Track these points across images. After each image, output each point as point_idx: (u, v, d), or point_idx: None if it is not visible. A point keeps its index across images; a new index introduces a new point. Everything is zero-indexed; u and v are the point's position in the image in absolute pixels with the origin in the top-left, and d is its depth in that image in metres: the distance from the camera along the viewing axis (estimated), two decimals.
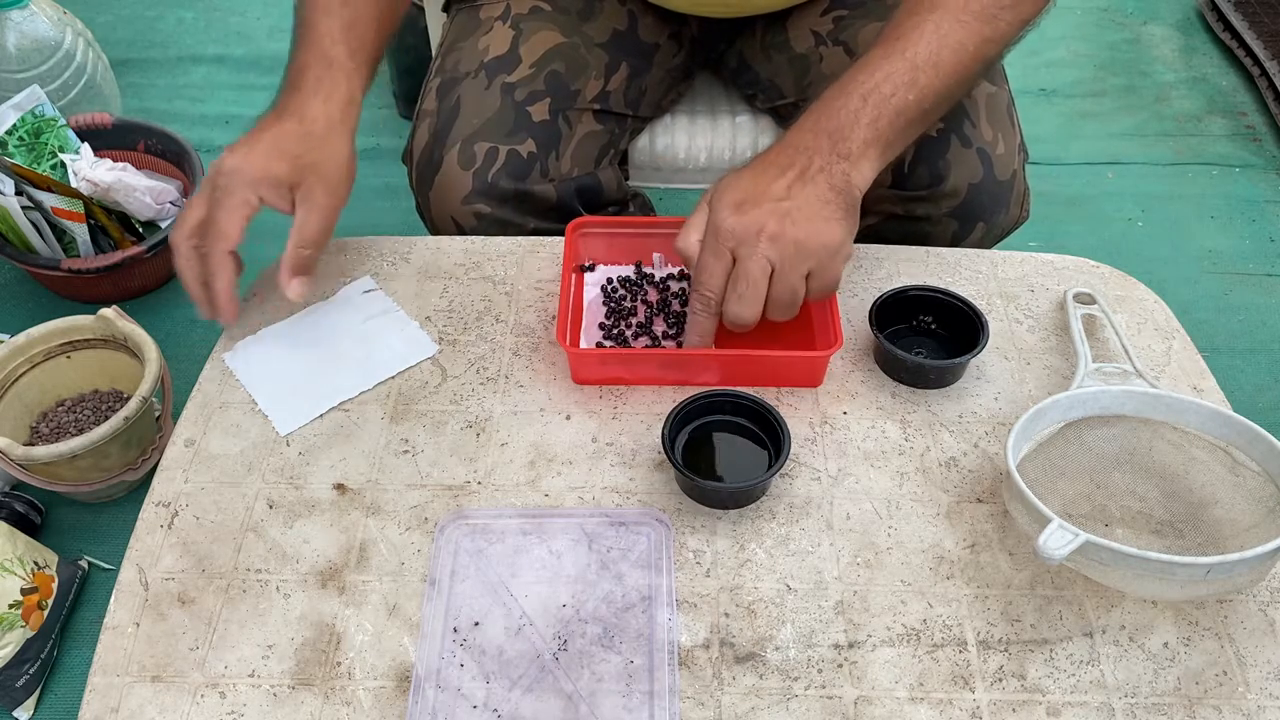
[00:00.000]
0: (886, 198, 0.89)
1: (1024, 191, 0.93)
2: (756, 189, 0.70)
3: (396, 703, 0.59)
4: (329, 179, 0.75)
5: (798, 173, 0.71)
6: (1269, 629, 0.63)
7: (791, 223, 0.69)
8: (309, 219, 0.74)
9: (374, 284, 0.82)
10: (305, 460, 0.71)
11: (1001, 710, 0.59)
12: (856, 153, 0.71)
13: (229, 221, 0.72)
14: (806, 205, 0.69)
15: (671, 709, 0.58)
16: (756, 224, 0.69)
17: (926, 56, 0.72)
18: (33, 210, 1.35)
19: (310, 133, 0.75)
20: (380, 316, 0.80)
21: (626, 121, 0.99)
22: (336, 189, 0.75)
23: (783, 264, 0.69)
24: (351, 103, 0.77)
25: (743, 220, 0.69)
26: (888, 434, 0.73)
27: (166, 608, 0.64)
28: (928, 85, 0.72)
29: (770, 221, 0.69)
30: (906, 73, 0.72)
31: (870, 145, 0.72)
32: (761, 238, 0.68)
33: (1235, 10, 2.00)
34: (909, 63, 0.72)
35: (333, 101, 0.76)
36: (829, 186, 0.70)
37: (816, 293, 0.71)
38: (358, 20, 0.79)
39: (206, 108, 1.83)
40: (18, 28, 1.52)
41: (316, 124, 0.75)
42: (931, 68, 0.72)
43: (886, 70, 0.72)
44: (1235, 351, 1.46)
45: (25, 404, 1.20)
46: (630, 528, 0.67)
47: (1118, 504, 0.68)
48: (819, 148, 0.71)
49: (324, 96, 0.76)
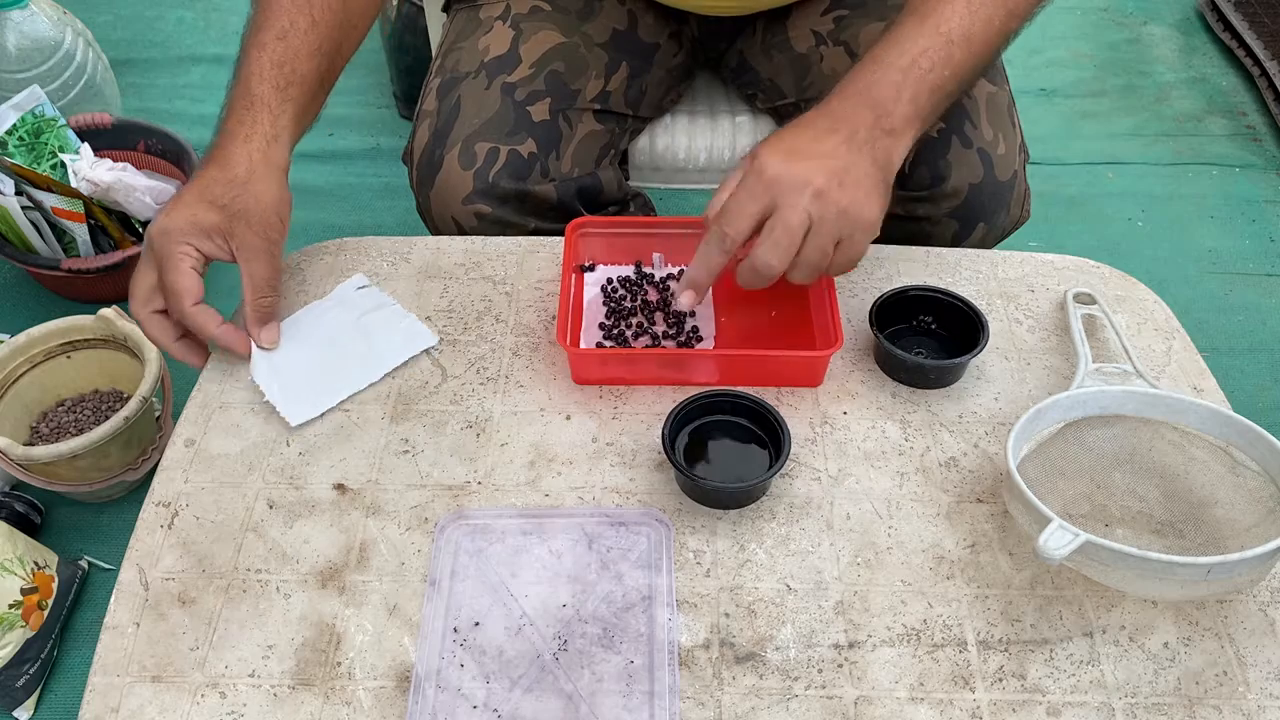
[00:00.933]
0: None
1: (1024, 192, 0.93)
2: (805, 144, 0.69)
3: (396, 703, 0.59)
4: (259, 222, 0.73)
5: (844, 137, 0.69)
6: (1269, 629, 0.63)
7: (839, 185, 0.67)
8: (252, 266, 0.74)
9: (366, 280, 0.82)
10: (305, 460, 0.71)
11: (1001, 710, 0.59)
12: (899, 128, 0.70)
13: (180, 279, 0.72)
14: (855, 171, 0.68)
15: (671, 709, 0.58)
16: (805, 177, 0.67)
17: (961, 32, 0.72)
18: (33, 210, 1.35)
19: (233, 179, 0.73)
20: (376, 311, 0.80)
21: (627, 121, 0.99)
22: (268, 231, 0.74)
23: (821, 224, 0.67)
24: (275, 140, 0.75)
25: (791, 169, 0.67)
26: (888, 434, 0.73)
27: (166, 608, 0.63)
28: (961, 61, 0.72)
29: (819, 178, 0.67)
30: (942, 49, 0.71)
31: (910, 122, 0.71)
32: (807, 191, 0.66)
33: (1235, 10, 2.00)
34: (944, 38, 0.71)
35: (253, 141, 0.74)
36: (873, 160, 0.69)
37: (840, 265, 0.70)
38: (292, 55, 0.77)
39: (206, 108, 1.83)
40: (18, 28, 1.52)
41: (239, 168, 0.73)
42: (964, 43, 0.72)
43: (923, 45, 0.71)
44: (1235, 351, 1.46)
45: (25, 404, 1.20)
46: (630, 528, 0.67)
47: (1118, 504, 0.68)
48: (862, 119, 0.70)
49: (243, 137, 0.74)
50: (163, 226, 0.72)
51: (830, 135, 0.69)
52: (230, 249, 0.73)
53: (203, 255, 0.73)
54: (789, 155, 0.68)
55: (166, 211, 0.73)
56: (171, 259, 0.71)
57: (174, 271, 0.71)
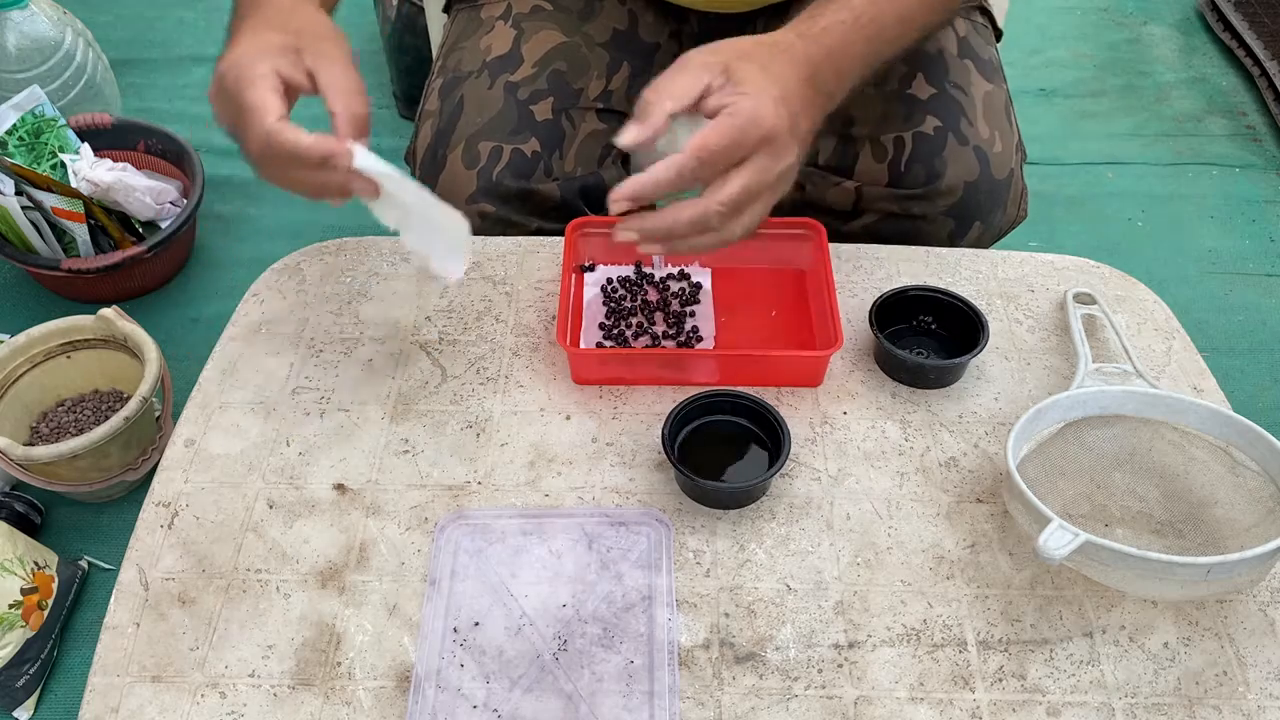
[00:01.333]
0: (883, 196, 0.89)
1: (1022, 191, 0.93)
2: (792, 89, 0.64)
3: (396, 703, 0.59)
4: (327, 34, 0.67)
5: (815, 95, 0.66)
6: (1269, 629, 0.63)
7: (800, 155, 0.64)
8: (334, 71, 0.65)
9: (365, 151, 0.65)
10: (305, 460, 0.71)
11: (1001, 710, 0.59)
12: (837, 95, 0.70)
13: (265, 95, 0.62)
14: (809, 137, 0.66)
15: (671, 709, 0.58)
16: (791, 145, 0.63)
17: None
18: (33, 210, 1.35)
19: (280, 8, 0.67)
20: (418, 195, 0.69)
21: (629, 121, 0.98)
22: (340, 40, 0.67)
23: (775, 195, 0.64)
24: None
25: (783, 131, 0.62)
26: (888, 434, 0.73)
27: (166, 608, 0.64)
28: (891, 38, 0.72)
29: (798, 149, 0.64)
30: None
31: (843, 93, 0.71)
32: (789, 161, 0.63)
33: (1235, 10, 2.00)
34: None
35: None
36: (813, 126, 0.67)
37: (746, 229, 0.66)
38: None
39: (206, 108, 1.80)
40: (18, 28, 1.52)
41: (281, 7, 0.68)
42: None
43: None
44: (1235, 351, 1.46)
45: (25, 404, 1.20)
46: (630, 528, 0.67)
47: (1118, 504, 0.68)
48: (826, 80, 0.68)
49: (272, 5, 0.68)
50: (232, 59, 0.64)
51: (804, 87, 0.65)
52: (304, 66, 0.65)
53: (280, 78, 0.64)
54: (780, 105, 0.63)
55: (227, 56, 0.65)
56: (246, 79, 0.63)
57: (252, 89, 0.62)
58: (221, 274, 1.53)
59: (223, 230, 1.60)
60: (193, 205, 1.42)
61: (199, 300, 1.49)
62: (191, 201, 1.42)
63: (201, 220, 1.58)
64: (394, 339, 0.79)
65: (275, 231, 1.60)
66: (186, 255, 1.54)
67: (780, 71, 0.65)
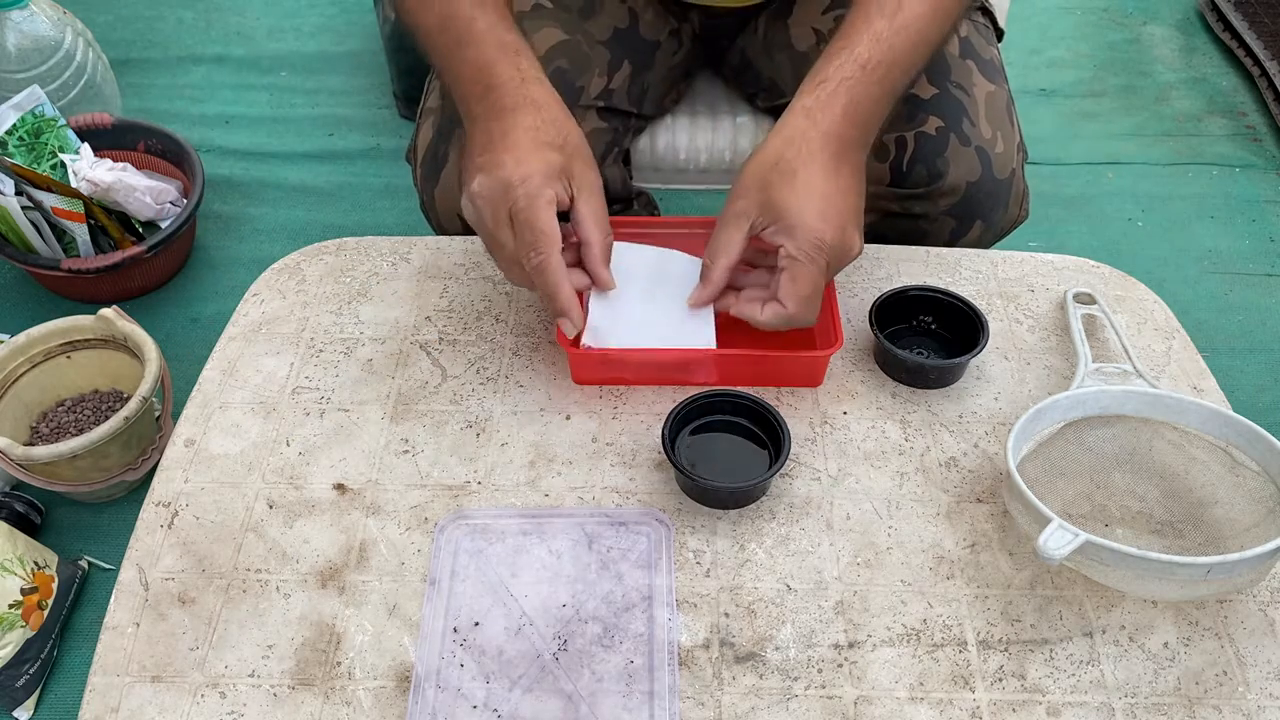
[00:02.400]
0: (884, 195, 0.89)
1: (1023, 191, 0.93)
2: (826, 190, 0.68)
3: (396, 703, 0.59)
4: (589, 158, 0.71)
5: (851, 167, 0.70)
6: (1269, 629, 0.63)
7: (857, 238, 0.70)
8: (594, 203, 0.70)
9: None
10: (305, 460, 0.71)
11: (1001, 710, 0.59)
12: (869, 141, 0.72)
13: (552, 222, 0.67)
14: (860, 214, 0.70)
15: (671, 709, 0.58)
16: (856, 234, 0.69)
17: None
18: (33, 210, 1.35)
19: (554, 118, 0.70)
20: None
21: (630, 119, 0.99)
22: (592, 161, 0.71)
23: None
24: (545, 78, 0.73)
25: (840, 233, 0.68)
26: (888, 434, 0.73)
27: (166, 608, 0.64)
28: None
29: (857, 232, 0.69)
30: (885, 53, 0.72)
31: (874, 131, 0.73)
32: (859, 249, 0.70)
33: (1235, 10, 2.00)
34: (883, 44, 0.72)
35: (542, 83, 0.71)
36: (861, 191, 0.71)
37: None
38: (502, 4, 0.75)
39: (206, 108, 1.83)
40: (18, 28, 1.52)
41: (552, 107, 0.70)
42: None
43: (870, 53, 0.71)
44: (1235, 351, 1.46)
45: (25, 404, 1.20)
46: (630, 528, 0.67)
47: (1118, 504, 0.68)
48: (851, 138, 0.70)
49: (530, 80, 0.71)
50: (519, 176, 0.66)
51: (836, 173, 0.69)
52: (571, 191, 0.69)
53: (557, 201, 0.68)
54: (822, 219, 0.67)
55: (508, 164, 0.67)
56: (535, 205, 0.66)
57: (542, 214, 0.66)
58: (221, 274, 1.53)
59: (223, 230, 1.60)
60: (192, 205, 1.42)
61: (199, 300, 1.49)
62: (191, 201, 1.43)
63: (201, 220, 1.58)
64: (394, 339, 0.79)
65: (275, 231, 1.60)
66: (186, 255, 1.54)
67: (809, 177, 0.68)
